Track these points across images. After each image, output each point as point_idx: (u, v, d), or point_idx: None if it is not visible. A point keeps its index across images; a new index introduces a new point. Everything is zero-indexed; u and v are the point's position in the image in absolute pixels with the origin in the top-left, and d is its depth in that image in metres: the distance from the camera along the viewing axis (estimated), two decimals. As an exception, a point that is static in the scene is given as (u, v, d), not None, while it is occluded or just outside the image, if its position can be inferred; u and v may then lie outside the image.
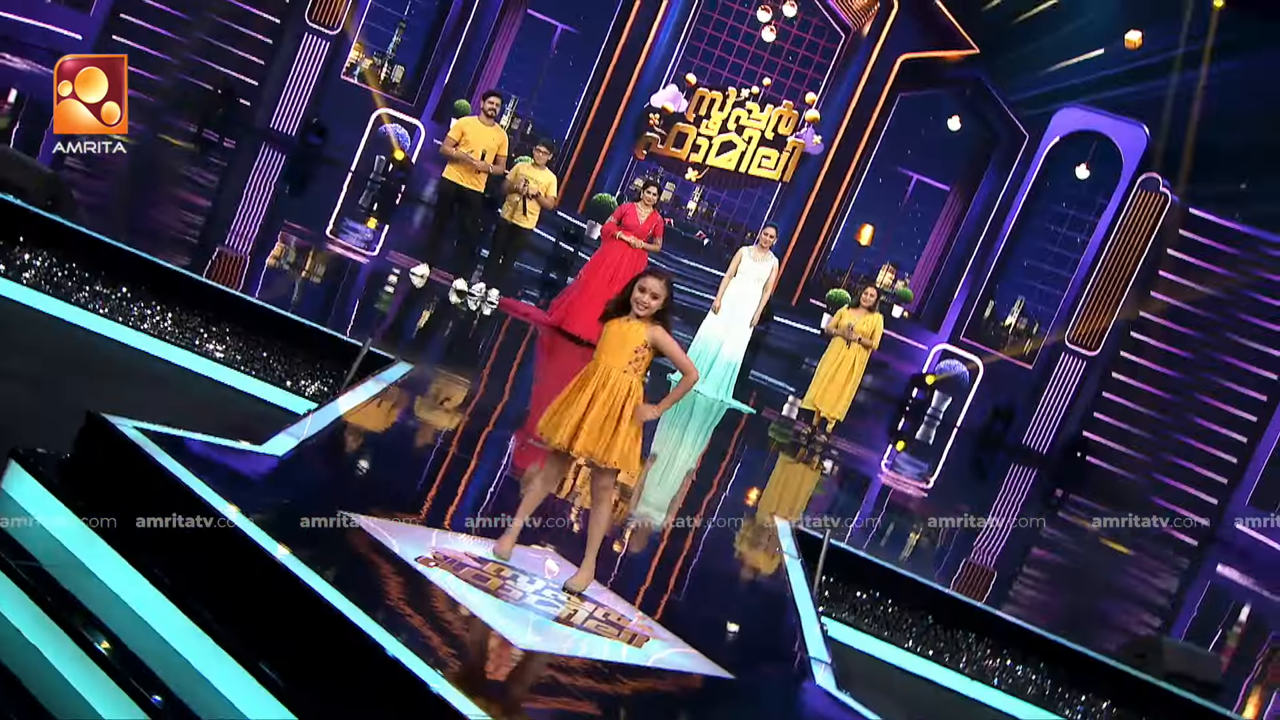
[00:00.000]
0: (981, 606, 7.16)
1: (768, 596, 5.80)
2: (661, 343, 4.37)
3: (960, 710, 6.07)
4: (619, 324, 4.40)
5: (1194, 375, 19.56)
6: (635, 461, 4.36)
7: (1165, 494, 19.08)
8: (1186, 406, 19.48)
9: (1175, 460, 19.30)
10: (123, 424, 4.00)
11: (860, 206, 22.31)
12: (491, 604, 3.93)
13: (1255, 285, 19.37)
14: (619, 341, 4.38)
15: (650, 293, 4.32)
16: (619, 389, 4.33)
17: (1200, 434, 19.24)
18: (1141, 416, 19.85)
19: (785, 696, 4.47)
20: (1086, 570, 11.54)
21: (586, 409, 4.31)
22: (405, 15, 21.77)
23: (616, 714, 3.54)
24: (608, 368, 4.36)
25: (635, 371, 4.37)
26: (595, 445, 4.29)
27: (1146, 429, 19.72)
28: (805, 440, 11.47)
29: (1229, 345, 19.41)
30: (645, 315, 4.35)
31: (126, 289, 6.68)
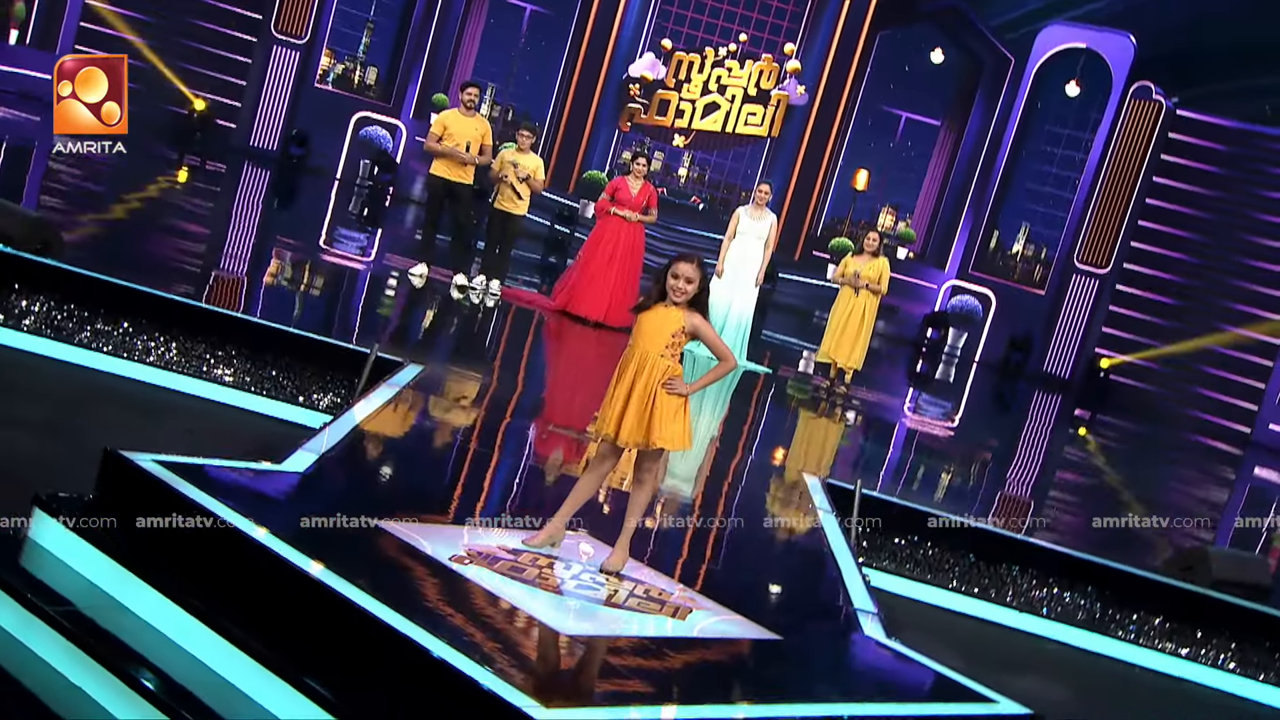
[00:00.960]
0: (1022, 538, 7.16)
1: (806, 553, 5.81)
2: (701, 330, 4.40)
3: (1012, 644, 6.07)
4: (655, 312, 4.40)
5: (1209, 280, 19.44)
6: (682, 437, 4.38)
7: (1195, 403, 19.02)
8: (1206, 313, 19.38)
9: (1202, 368, 19.21)
10: (141, 459, 4.01)
11: (852, 152, 22.19)
12: (531, 594, 3.94)
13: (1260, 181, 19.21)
14: (656, 327, 4.38)
15: (685, 277, 4.32)
16: (656, 373, 4.35)
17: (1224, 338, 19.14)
18: (1161, 329, 19.77)
19: (835, 651, 4.48)
20: (1124, 489, 11.52)
21: (628, 398, 4.33)
22: (371, 15, 21.67)
23: (669, 689, 3.54)
24: (644, 352, 4.37)
25: (672, 356, 4.38)
26: (639, 433, 4.33)
27: (1167, 340, 19.64)
28: (825, 393, 11.45)
29: (1241, 245, 19.28)
30: (682, 301, 4.36)
31: (128, 324, 6.68)
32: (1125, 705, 5.76)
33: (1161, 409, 18.92)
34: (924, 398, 15.30)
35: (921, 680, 4.29)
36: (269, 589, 3.57)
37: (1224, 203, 19.52)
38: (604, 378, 4.55)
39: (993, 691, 4.17)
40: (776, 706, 3.50)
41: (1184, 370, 19.29)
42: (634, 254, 11.43)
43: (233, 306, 8.38)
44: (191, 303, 7.00)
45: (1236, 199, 19.42)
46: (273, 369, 6.75)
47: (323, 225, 15.49)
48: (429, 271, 11.18)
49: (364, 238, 15.50)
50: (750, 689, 3.82)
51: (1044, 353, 20.28)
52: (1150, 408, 18.96)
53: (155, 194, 13.34)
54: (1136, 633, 6.58)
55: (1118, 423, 18.08)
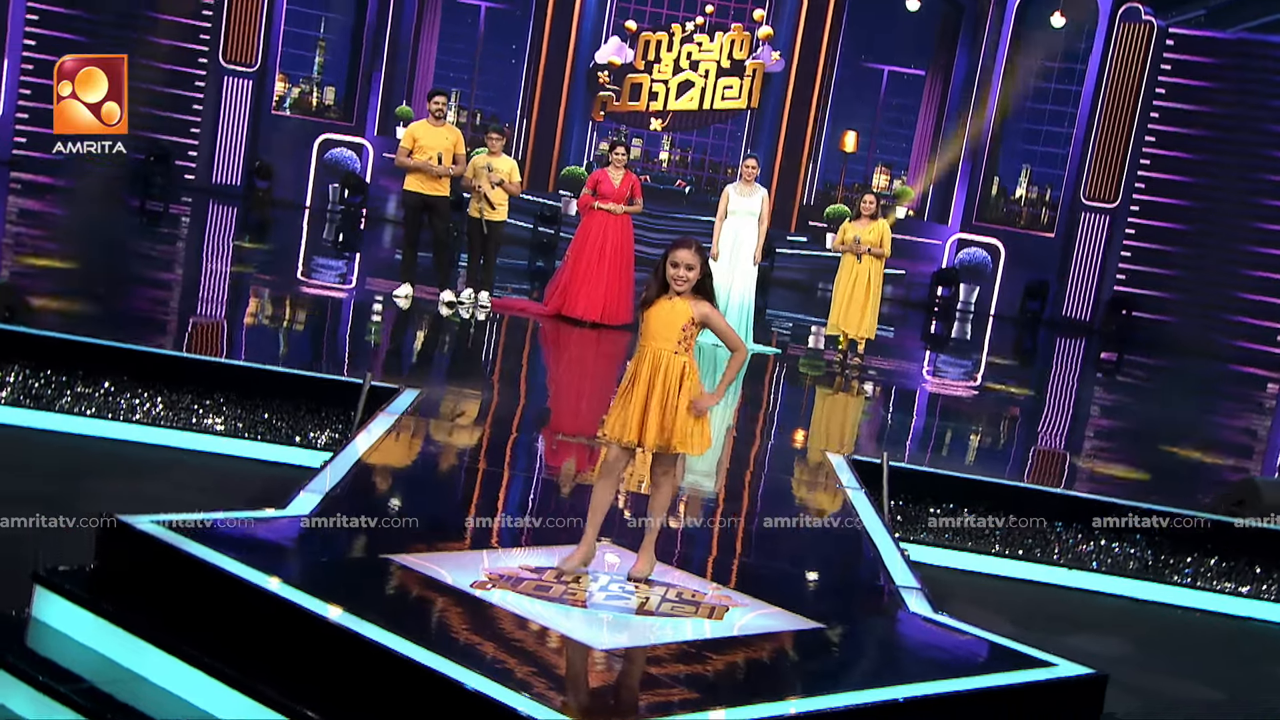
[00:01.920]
0: (1062, 492, 7.16)
1: (840, 535, 5.80)
2: (711, 319, 4.33)
3: (1065, 603, 6.07)
4: (662, 305, 4.32)
5: (1225, 201, 19.37)
6: (704, 440, 4.35)
7: (1222, 329, 18.98)
8: (1223, 235, 19.32)
9: (1227, 292, 19.15)
10: (140, 521, 4.01)
11: (837, 114, 22.15)
12: (560, 612, 3.94)
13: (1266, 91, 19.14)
14: (666, 322, 4.31)
15: (685, 265, 4.24)
16: (672, 372, 4.29)
17: (1244, 260, 19.08)
18: (1179, 257, 19.71)
19: (882, 632, 4.48)
20: (1162, 428, 11.51)
21: (647, 401, 4.27)
22: (321, 34, 21.66)
23: (715, 692, 3.54)
24: (657, 352, 4.30)
25: (686, 350, 4.33)
26: (663, 437, 4.28)
27: (1188, 269, 19.59)
28: (839, 367, 11.45)
29: (1255, 159, 19.19)
30: (685, 290, 4.29)
31: (109, 384, 6.69)
32: (1190, 653, 5.75)
33: (1189, 341, 18.88)
34: (942, 359, 15.29)
35: (975, 652, 4.29)
36: (289, 640, 3.56)
37: (1230, 119, 19.44)
38: (607, 379, 4.56)
39: (1051, 655, 4.17)
40: (829, 698, 3.50)
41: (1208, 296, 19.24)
42: (624, 247, 11.43)
43: (215, 353, 8.38)
44: (172, 354, 7.01)
45: (1243, 113, 19.33)
46: (264, 411, 6.76)
47: (298, 257, 15.49)
48: (414, 291, 11.18)
49: (342, 265, 15.50)
50: (799, 682, 3.82)
51: (1061, 297, 20.25)
52: (1178, 341, 18.93)
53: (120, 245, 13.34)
54: (1193, 576, 6.58)
55: (1146, 361, 18.06)
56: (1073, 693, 4.02)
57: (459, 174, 11.01)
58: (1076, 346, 18.82)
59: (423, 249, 11.28)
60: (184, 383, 6.77)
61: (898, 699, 3.59)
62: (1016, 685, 3.90)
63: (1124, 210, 20.04)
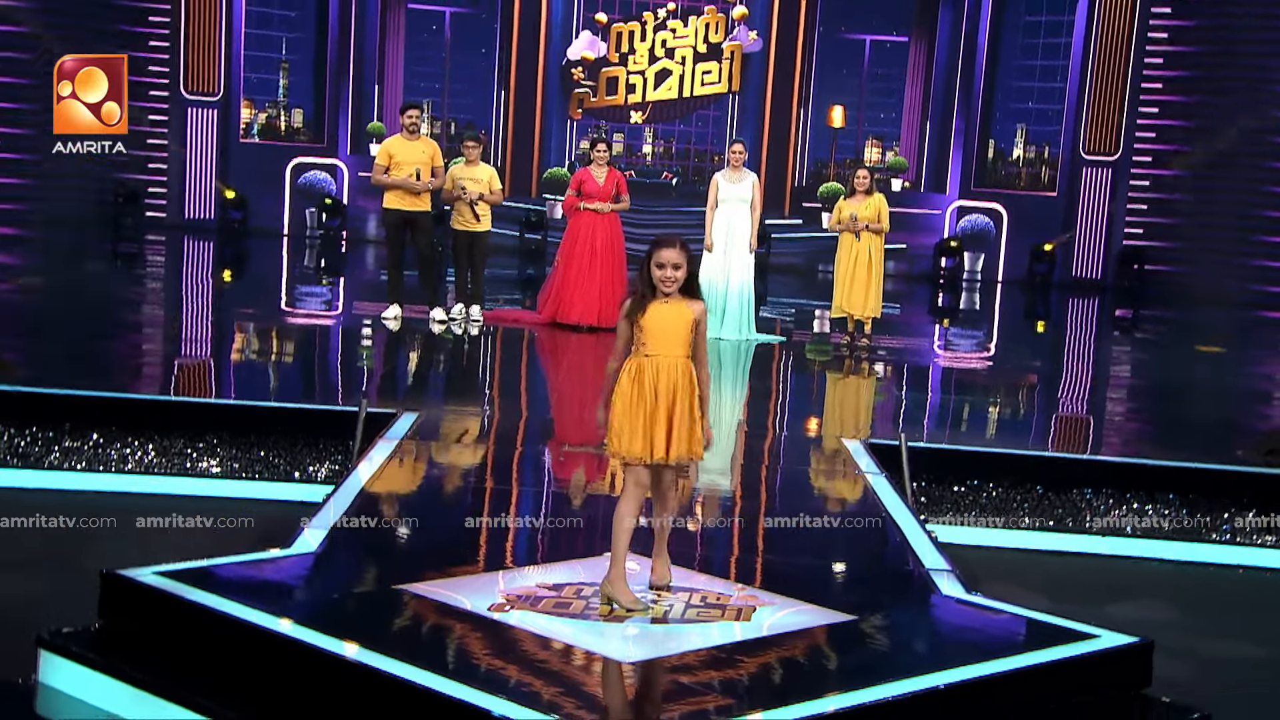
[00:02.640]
0: (1089, 457, 7.17)
1: (863, 523, 5.80)
2: (702, 325, 4.25)
3: (1102, 572, 6.05)
4: (660, 310, 4.18)
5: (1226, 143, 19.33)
6: (702, 441, 4.30)
7: (1241, 275, 18.96)
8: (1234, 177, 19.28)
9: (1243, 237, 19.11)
10: (142, 574, 4.02)
11: (821, 89, 22.14)
12: (583, 628, 3.94)
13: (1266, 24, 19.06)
14: (671, 327, 4.17)
15: (672, 264, 4.13)
16: (683, 379, 4.19)
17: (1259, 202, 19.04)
18: (1189, 205, 19.69)
19: (917, 619, 4.47)
20: (1187, 382, 11.50)
21: (671, 415, 4.17)
22: (284, 55, 21.67)
23: (750, 696, 3.54)
24: (672, 361, 4.18)
25: (685, 353, 4.22)
26: (688, 446, 4.21)
27: (1200, 217, 19.55)
28: (847, 350, 11.44)
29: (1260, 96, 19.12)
30: (674, 291, 4.17)
31: (97, 435, 6.70)
32: (1235, 611, 5.74)
33: (1207, 290, 18.86)
34: (953, 332, 15.29)
35: (1014, 631, 4.29)
36: (306, 682, 3.56)
37: (1230, 55, 19.37)
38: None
39: (1093, 626, 4.17)
40: (867, 691, 3.50)
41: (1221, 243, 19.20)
42: (615, 247, 11.43)
43: (204, 393, 8.39)
44: (160, 398, 7.02)
45: (1247, 50, 19.25)
46: (260, 449, 6.76)
47: (280, 287, 15.50)
48: (403, 312, 11.18)
49: (327, 291, 15.51)
50: (835, 678, 3.82)
51: (1069, 257, 20.24)
52: (1195, 292, 18.91)
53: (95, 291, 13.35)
54: (1232, 532, 6.57)
55: (1164, 315, 18.06)
56: (1119, 663, 4.02)
57: (439, 187, 11.01)
58: (1090, 306, 18.82)
59: (408, 267, 11.29)
60: (174, 427, 6.78)
61: (938, 686, 3.59)
62: (1060, 661, 3.90)
63: (1126, 162, 20.02)
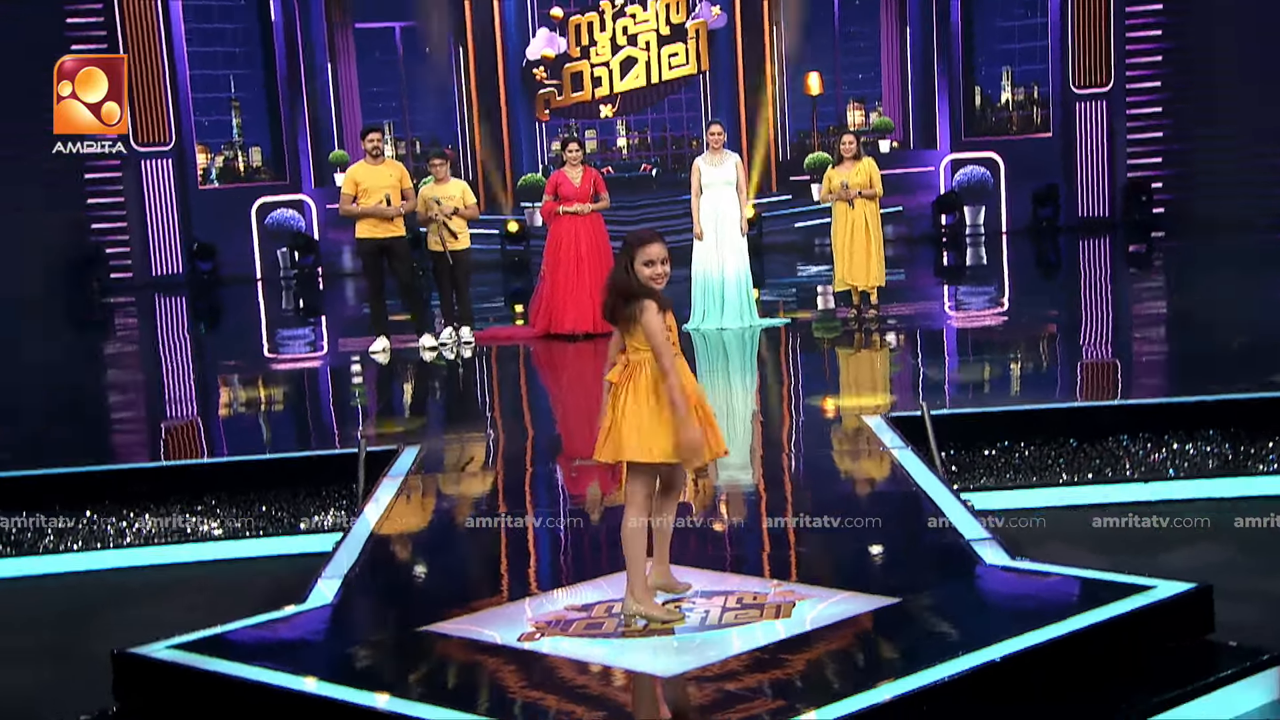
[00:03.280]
0: (1120, 402, 7.16)
1: (895, 500, 5.81)
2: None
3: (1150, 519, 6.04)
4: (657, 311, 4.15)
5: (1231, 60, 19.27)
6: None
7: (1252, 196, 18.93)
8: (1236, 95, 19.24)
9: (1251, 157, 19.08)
10: (154, 650, 4.02)
11: (794, 56, 22.15)
12: (619, 646, 3.94)
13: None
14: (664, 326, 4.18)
15: (661, 259, 4.13)
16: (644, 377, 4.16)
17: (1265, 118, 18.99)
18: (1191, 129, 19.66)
19: (963, 593, 4.47)
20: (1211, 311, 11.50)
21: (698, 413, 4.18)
22: (233, 94, 21.69)
23: (801, 694, 3.54)
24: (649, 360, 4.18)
25: None
26: (718, 442, 4.23)
27: (1203, 139, 19.53)
28: (855, 324, 11.44)
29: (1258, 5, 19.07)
30: (663, 285, 4.17)
31: (90, 511, 6.69)
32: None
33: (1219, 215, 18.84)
34: (962, 291, 15.28)
35: (1066, 592, 4.29)
36: (339, 739, 3.57)
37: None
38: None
39: (1147, 577, 4.16)
40: (922, 674, 3.49)
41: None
42: (601, 249, 11.43)
43: (195, 455, 8.39)
44: (151, 465, 7.02)
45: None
46: (261, 505, 6.77)
47: (260, 334, 15.51)
48: (391, 344, 11.18)
49: (309, 332, 15.52)
50: (886, 664, 3.82)
51: (1073, 198, 20.23)
52: (1207, 218, 18.89)
53: (67, 364, 13.36)
54: (1278, 461, 6.56)
55: (1178, 245, 18.06)
56: (1179, 612, 4.02)
57: (411, 210, 11.01)
58: (1101, 245, 18.81)
59: (390, 296, 11.29)
60: (169, 493, 6.78)
61: (995, 660, 3.59)
62: (1117, 617, 3.90)
63: (1120, 91, 20.01)
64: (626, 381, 4.15)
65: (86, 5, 19.72)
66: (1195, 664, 3.93)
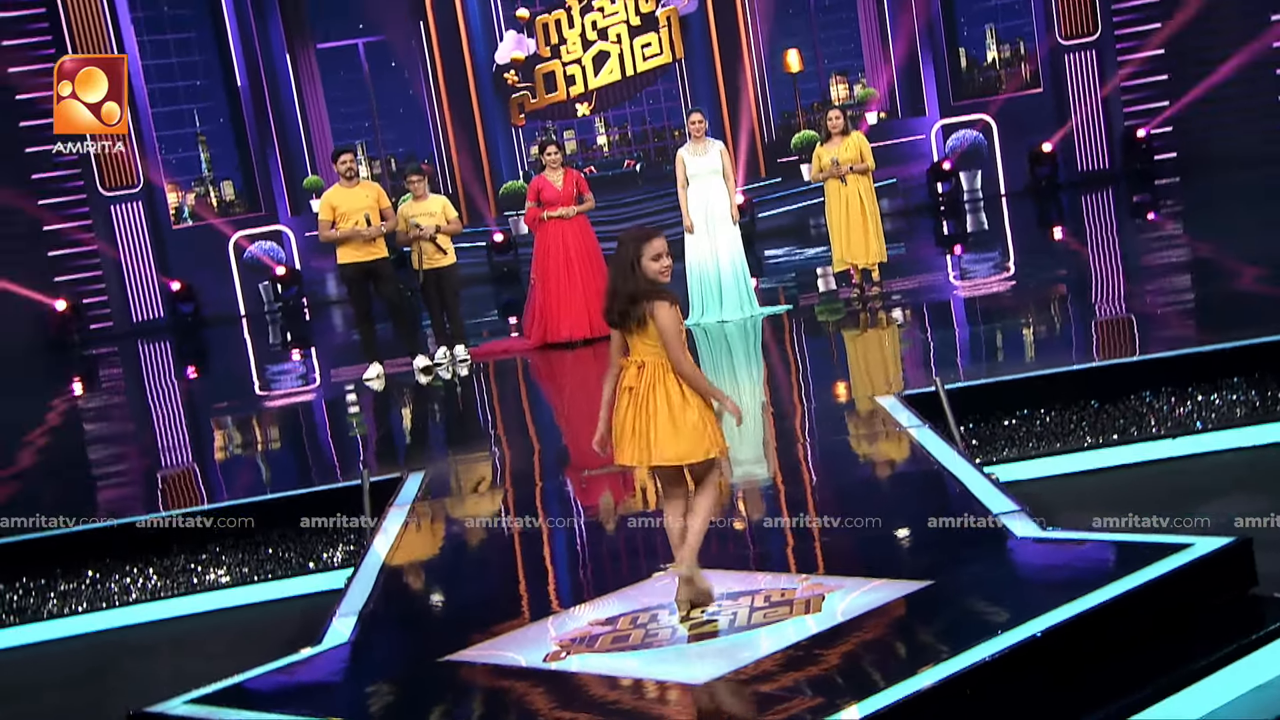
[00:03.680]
0: (1141, 359, 7.15)
1: (917, 480, 5.80)
2: None
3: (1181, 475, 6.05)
4: (666, 309, 4.22)
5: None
6: None
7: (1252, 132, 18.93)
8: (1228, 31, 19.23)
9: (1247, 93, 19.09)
10: (172, 707, 4.03)
11: (771, 35, 22.16)
12: (648, 657, 3.94)
13: None
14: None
15: (665, 253, 4.22)
16: (663, 375, 4.26)
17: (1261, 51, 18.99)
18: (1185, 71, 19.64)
19: (996, 569, 4.47)
20: (1224, 255, 11.49)
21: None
22: (198, 129, 21.71)
23: (839, 689, 3.54)
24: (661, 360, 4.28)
25: None
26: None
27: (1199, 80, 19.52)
28: (859, 303, 11.45)
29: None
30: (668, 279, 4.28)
31: (92, 571, 6.69)
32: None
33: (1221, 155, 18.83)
34: (966, 259, 15.28)
35: (1102, 558, 4.29)
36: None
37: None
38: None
39: (1184, 535, 4.16)
40: (961, 657, 3.49)
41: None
42: (590, 252, 11.44)
43: (195, 501, 8.39)
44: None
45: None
46: (267, 547, 6.77)
47: (250, 372, 15.51)
48: (385, 369, 11.18)
49: (300, 365, 15.52)
50: (925, 649, 3.81)
51: (1071, 153, 20.23)
52: (1209, 160, 18.89)
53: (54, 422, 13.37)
54: (1307, 403, 6.57)
55: (1183, 190, 18.05)
56: (1219, 568, 4.01)
57: (392, 229, 11.01)
58: (1104, 198, 18.81)
59: (379, 320, 11.29)
60: (172, 544, 6.78)
61: (1036, 635, 3.59)
62: (1157, 579, 3.89)
63: (1109, 38, 20.00)
64: (652, 383, 4.21)
65: (43, 53, 19.71)
66: (1242, 619, 3.93)
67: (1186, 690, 3.61)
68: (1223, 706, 3.63)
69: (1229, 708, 3.64)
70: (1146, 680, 3.64)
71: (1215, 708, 3.62)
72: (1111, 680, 3.67)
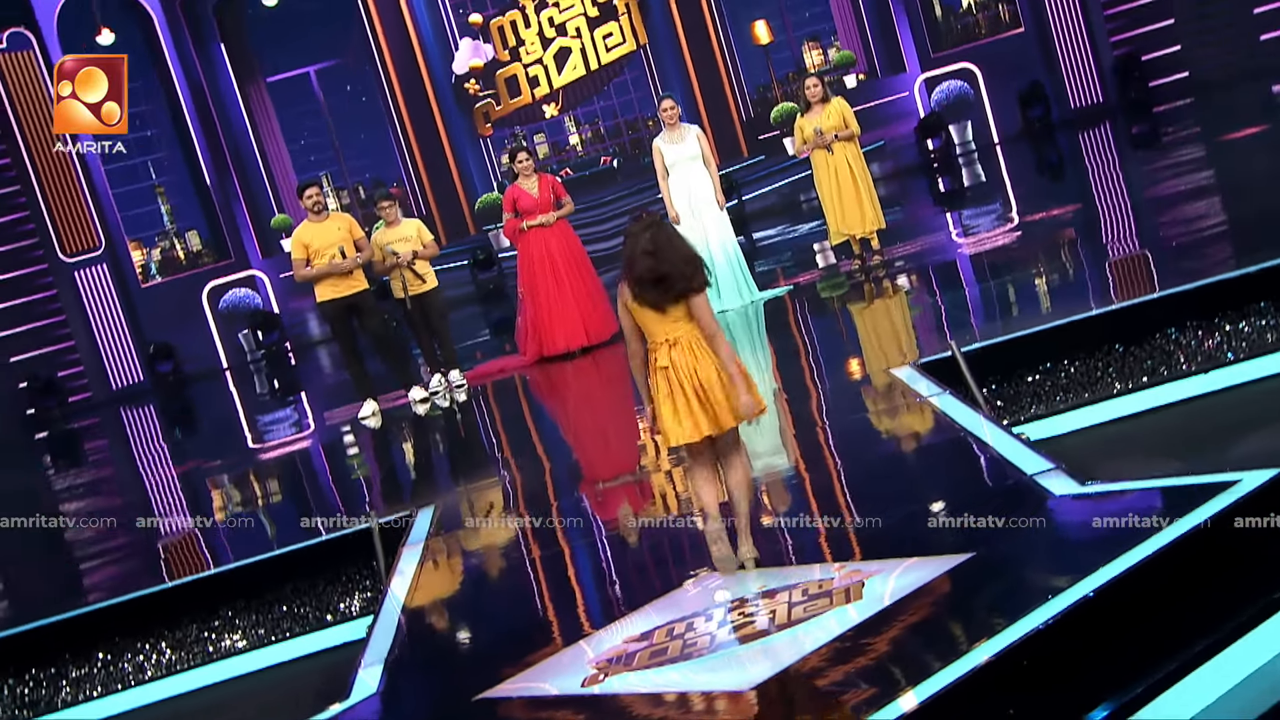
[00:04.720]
0: (1162, 294, 7.14)
1: (945, 450, 5.80)
2: None
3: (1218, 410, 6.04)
4: None
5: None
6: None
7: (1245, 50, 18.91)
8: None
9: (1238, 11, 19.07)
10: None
11: (735, 10, 22.17)
12: (690, 669, 3.94)
13: None
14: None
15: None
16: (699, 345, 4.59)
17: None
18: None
19: (1039, 531, 4.46)
20: (1233, 177, 11.49)
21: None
22: (155, 181, 21.72)
23: (892, 677, 3.54)
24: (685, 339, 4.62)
25: None
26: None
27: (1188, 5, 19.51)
28: (861, 274, 11.44)
29: None
30: None
31: (103, 654, 6.69)
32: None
33: (1217, 76, 18.81)
34: (966, 214, 15.28)
35: (1148, 506, 4.28)
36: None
37: None
38: (624, 401, 4.55)
39: (1230, 472, 4.15)
40: (1014, 628, 3.49)
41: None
42: (575, 256, 11.43)
43: (200, 568, 8.39)
44: (156, 590, 7.01)
45: None
46: (281, 604, 6.77)
47: (240, 426, 15.51)
48: (379, 405, 11.19)
49: (291, 412, 15.52)
50: (975, 624, 3.81)
51: (1062, 90, 20.21)
52: (1205, 82, 18.88)
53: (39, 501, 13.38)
54: (1339, 320, 6.56)
55: (1182, 115, 18.04)
56: (1270, 500, 4.01)
57: (369, 260, 11.02)
58: (1102, 134, 18.80)
59: (367, 355, 11.29)
60: (181, 614, 6.78)
61: (1088, 595, 3.58)
62: (1207, 521, 3.89)
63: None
64: (692, 356, 4.55)
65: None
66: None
67: (1264, 625, 3.60)
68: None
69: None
70: (1218, 624, 3.63)
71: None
72: (1178, 629, 3.66)
